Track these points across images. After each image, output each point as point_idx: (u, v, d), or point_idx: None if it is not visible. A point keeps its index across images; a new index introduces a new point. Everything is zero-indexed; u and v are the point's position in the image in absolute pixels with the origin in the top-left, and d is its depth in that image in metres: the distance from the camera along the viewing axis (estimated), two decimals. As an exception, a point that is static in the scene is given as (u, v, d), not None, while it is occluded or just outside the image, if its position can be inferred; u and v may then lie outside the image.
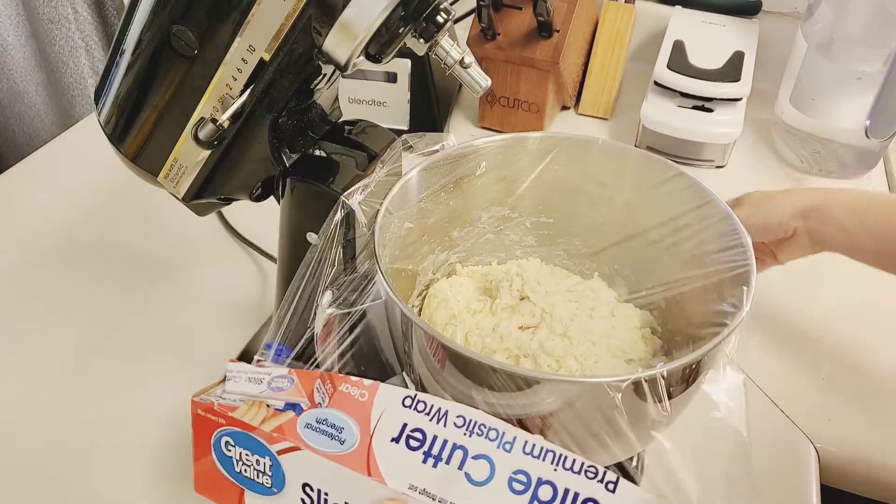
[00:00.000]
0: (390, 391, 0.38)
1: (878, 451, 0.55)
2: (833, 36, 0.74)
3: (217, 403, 0.40)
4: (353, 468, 0.36)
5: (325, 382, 0.39)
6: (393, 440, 0.37)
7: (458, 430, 0.36)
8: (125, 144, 0.46)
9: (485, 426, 0.36)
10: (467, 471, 0.35)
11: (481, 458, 0.36)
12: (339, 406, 0.38)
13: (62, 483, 0.52)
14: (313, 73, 0.43)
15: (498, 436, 0.36)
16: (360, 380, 0.39)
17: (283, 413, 0.39)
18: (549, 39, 0.80)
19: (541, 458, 0.35)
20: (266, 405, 0.39)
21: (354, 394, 0.38)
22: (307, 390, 0.39)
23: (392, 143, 0.48)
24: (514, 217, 0.54)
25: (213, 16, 0.40)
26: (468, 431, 0.36)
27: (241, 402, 0.40)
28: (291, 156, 0.46)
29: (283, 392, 0.40)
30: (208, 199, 0.48)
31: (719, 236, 0.45)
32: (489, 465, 0.35)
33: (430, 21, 0.40)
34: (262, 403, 0.40)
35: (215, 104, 0.42)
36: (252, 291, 0.67)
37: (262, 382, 0.40)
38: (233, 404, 0.40)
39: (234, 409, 0.40)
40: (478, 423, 0.37)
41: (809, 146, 0.82)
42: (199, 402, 0.40)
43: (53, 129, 0.98)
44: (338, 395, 0.39)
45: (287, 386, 0.40)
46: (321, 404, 0.39)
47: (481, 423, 0.37)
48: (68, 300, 0.66)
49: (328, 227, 0.43)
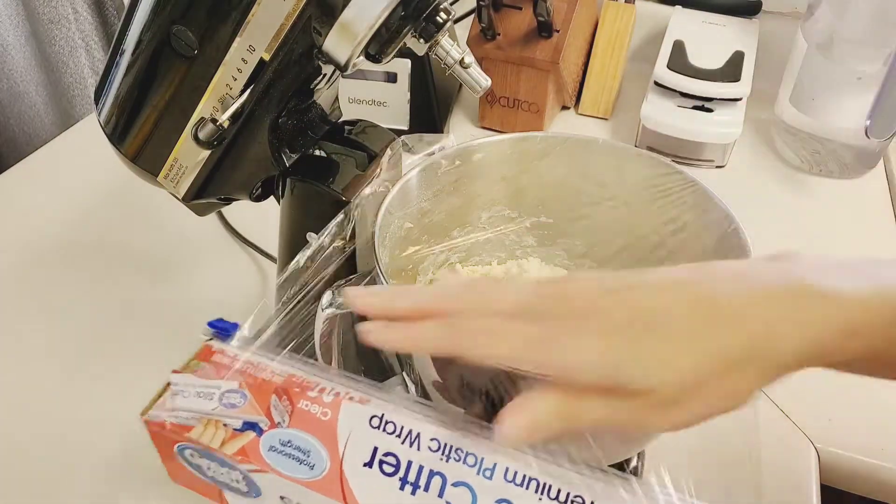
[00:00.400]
0: (354, 410, 0.35)
1: (878, 451, 0.55)
2: (833, 36, 0.74)
3: (169, 423, 0.37)
4: (328, 495, 0.34)
5: (282, 397, 0.36)
6: (365, 465, 0.34)
7: (434, 455, 0.34)
8: (125, 144, 0.46)
9: (461, 450, 0.34)
10: (448, 499, 0.33)
11: (461, 486, 0.33)
12: (301, 426, 0.36)
13: (62, 482, 0.52)
14: (313, 73, 0.43)
15: (476, 461, 0.34)
16: (319, 395, 0.36)
17: (242, 434, 0.36)
18: (549, 39, 0.80)
19: (524, 487, 0.33)
20: (223, 424, 0.37)
21: (316, 412, 0.36)
22: (263, 407, 0.36)
23: (392, 143, 0.48)
24: (514, 217, 0.54)
25: (213, 16, 0.40)
26: (444, 456, 0.34)
27: (195, 421, 0.37)
28: (291, 156, 0.45)
29: (238, 409, 0.37)
30: (208, 199, 0.48)
31: (719, 236, 0.45)
32: (470, 494, 0.33)
33: (430, 21, 0.40)
34: (218, 422, 0.37)
35: (215, 104, 0.42)
36: (252, 291, 0.67)
37: (213, 398, 0.37)
38: (187, 423, 0.37)
39: (189, 429, 0.37)
40: (454, 447, 0.34)
41: (809, 146, 0.82)
42: (151, 421, 0.38)
43: (53, 129, 0.98)
44: (298, 413, 0.36)
45: (240, 402, 0.37)
46: (281, 423, 0.36)
47: (457, 447, 0.34)
48: (68, 300, 0.66)
49: (328, 227, 0.43)
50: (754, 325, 0.29)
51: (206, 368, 0.39)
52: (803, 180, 0.82)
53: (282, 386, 0.37)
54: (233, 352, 0.39)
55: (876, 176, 0.83)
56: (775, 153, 0.86)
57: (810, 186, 0.81)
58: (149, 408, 0.38)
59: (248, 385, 0.37)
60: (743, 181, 0.82)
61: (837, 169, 0.82)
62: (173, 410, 0.38)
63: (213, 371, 0.38)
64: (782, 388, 0.37)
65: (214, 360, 0.39)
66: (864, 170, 0.82)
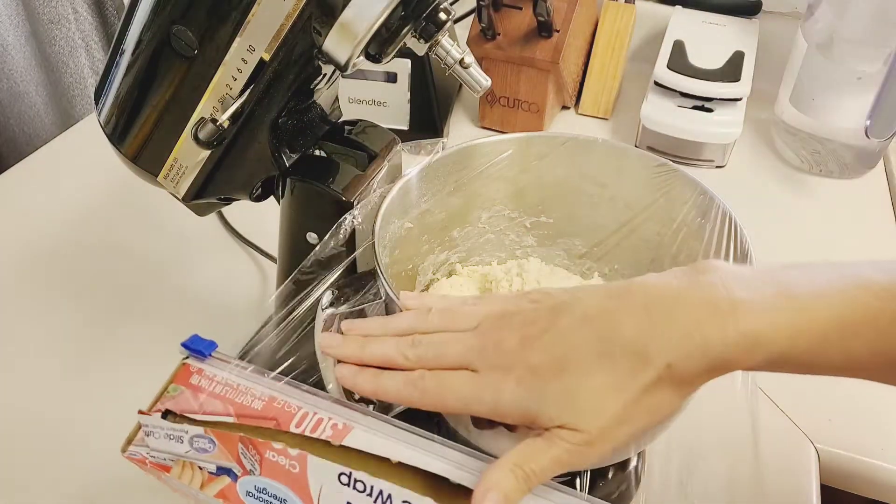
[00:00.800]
0: (320, 465, 0.34)
1: (878, 451, 0.55)
2: (833, 36, 0.74)
3: (149, 462, 0.37)
4: None
5: (249, 447, 0.36)
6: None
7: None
8: (125, 144, 0.46)
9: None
10: None
11: None
12: (272, 476, 0.35)
13: (61, 482, 0.52)
14: (313, 73, 0.43)
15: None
16: (284, 447, 0.35)
17: (218, 477, 0.36)
18: (549, 39, 0.80)
19: None
20: (199, 467, 0.37)
21: (283, 463, 0.35)
22: (232, 454, 0.36)
23: (392, 143, 0.48)
24: (514, 217, 0.54)
25: (212, 16, 0.40)
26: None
27: (171, 462, 0.37)
28: (291, 156, 0.45)
29: (209, 454, 0.36)
30: (208, 199, 0.48)
31: (719, 236, 0.45)
32: None
33: (430, 21, 0.40)
34: (194, 465, 0.37)
35: (215, 104, 0.42)
36: (252, 291, 0.67)
37: (184, 441, 0.37)
38: (165, 463, 0.37)
39: (167, 469, 0.37)
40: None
41: (809, 146, 0.82)
42: (131, 458, 0.38)
43: (53, 129, 0.98)
44: (267, 464, 0.35)
45: (210, 448, 0.36)
46: (253, 472, 0.35)
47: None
48: (68, 300, 0.66)
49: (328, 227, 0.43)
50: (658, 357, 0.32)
51: (184, 393, 0.38)
52: (803, 180, 0.82)
53: (246, 436, 0.36)
54: (212, 372, 0.38)
55: (876, 176, 0.83)
56: (775, 153, 0.86)
57: (810, 186, 0.81)
58: (126, 444, 0.38)
59: (213, 432, 0.36)
60: (743, 181, 0.82)
61: (837, 169, 0.82)
62: (149, 450, 0.37)
63: (191, 396, 0.37)
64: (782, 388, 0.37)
65: (192, 383, 0.38)
66: (865, 170, 0.82)
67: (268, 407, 0.36)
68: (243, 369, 0.38)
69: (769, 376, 0.35)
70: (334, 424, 0.35)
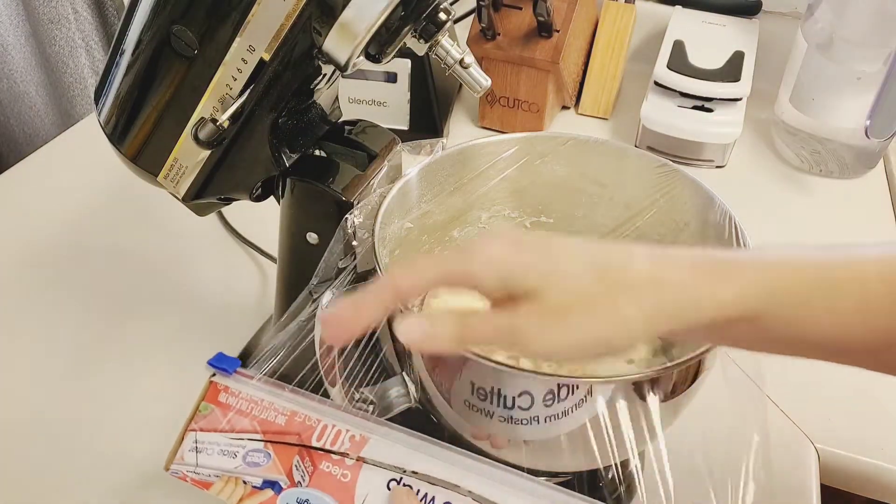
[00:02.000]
0: (374, 472, 0.36)
1: (878, 451, 0.55)
2: (833, 36, 0.74)
3: (191, 479, 0.38)
4: None
5: (305, 459, 0.37)
6: None
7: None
8: (125, 144, 0.46)
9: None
10: None
11: None
12: (319, 486, 0.36)
13: (62, 482, 0.52)
14: (313, 73, 0.43)
15: None
16: (342, 458, 0.37)
17: (261, 491, 0.37)
18: (549, 39, 0.80)
19: None
20: (243, 481, 0.38)
21: (336, 473, 0.36)
22: (285, 467, 0.37)
23: (392, 143, 0.48)
24: (515, 217, 0.54)
25: (213, 16, 0.40)
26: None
27: (215, 478, 0.38)
28: (291, 156, 0.45)
29: (260, 468, 0.38)
30: (208, 199, 0.48)
31: (720, 236, 0.45)
32: None
33: (430, 21, 0.40)
34: (238, 480, 0.38)
35: (215, 104, 0.42)
36: (252, 291, 0.67)
37: (237, 456, 0.38)
38: (207, 479, 0.38)
39: (208, 486, 0.38)
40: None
41: (809, 146, 0.82)
42: (174, 475, 0.39)
43: (53, 129, 0.98)
44: (318, 475, 0.37)
45: (264, 461, 0.38)
46: (301, 483, 0.37)
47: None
48: (68, 300, 0.66)
49: (328, 227, 0.43)
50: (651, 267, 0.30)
51: (214, 412, 0.40)
52: (803, 180, 0.82)
53: (306, 449, 0.38)
54: (237, 388, 0.40)
55: (876, 176, 0.83)
56: (775, 153, 0.86)
57: (810, 186, 0.81)
58: (170, 461, 0.39)
59: (272, 446, 0.38)
60: (743, 181, 0.82)
61: (837, 169, 0.82)
62: (195, 467, 0.39)
63: (221, 414, 0.39)
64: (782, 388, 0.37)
65: (220, 401, 0.40)
66: (864, 170, 0.82)
67: (290, 422, 0.38)
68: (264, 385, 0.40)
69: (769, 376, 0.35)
70: (352, 436, 0.37)
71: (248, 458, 0.38)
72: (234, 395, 0.40)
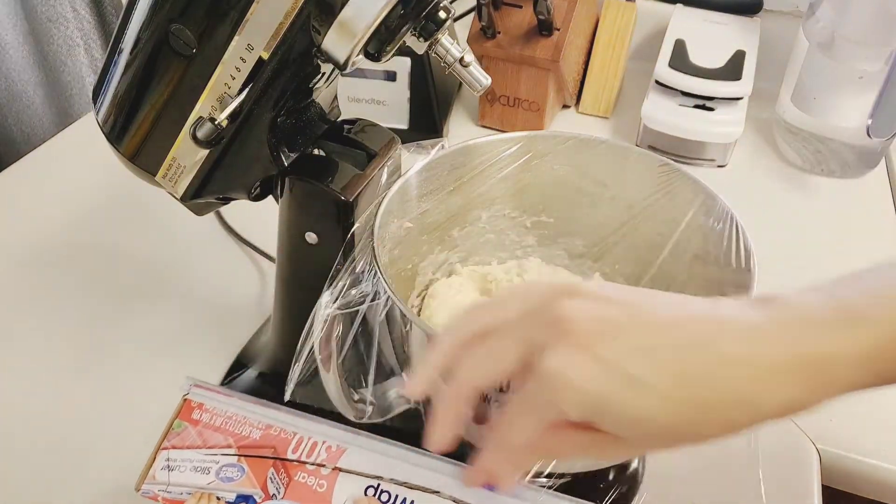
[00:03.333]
0: (351, 480, 0.36)
1: (879, 451, 0.54)
2: (834, 35, 0.74)
3: (162, 498, 0.38)
4: None
5: (280, 471, 0.37)
6: None
7: None
8: (123, 143, 0.46)
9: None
10: None
11: None
12: (295, 497, 0.36)
13: (62, 483, 0.52)
14: (312, 71, 0.43)
15: None
16: (318, 468, 0.37)
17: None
18: (549, 38, 0.79)
19: None
20: (216, 497, 0.38)
21: (312, 483, 0.36)
22: (260, 481, 0.37)
23: (391, 142, 0.47)
24: (515, 216, 0.54)
25: (211, 14, 0.40)
26: None
27: (188, 495, 0.38)
28: (290, 155, 0.45)
29: (234, 483, 0.38)
30: (207, 199, 0.48)
31: (721, 236, 0.44)
32: None
33: (429, 19, 0.40)
34: (211, 496, 0.38)
35: (213, 103, 0.42)
36: (251, 291, 0.67)
37: (210, 472, 0.38)
38: (179, 498, 0.38)
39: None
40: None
41: (811, 145, 0.82)
42: (146, 495, 0.39)
43: (51, 127, 0.98)
44: (294, 486, 0.37)
45: (237, 476, 0.38)
46: (276, 495, 0.37)
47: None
48: (68, 300, 0.66)
49: (327, 227, 0.43)
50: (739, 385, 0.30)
51: (188, 429, 0.40)
52: (805, 179, 0.82)
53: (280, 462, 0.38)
54: (212, 405, 0.41)
55: (877, 175, 0.82)
56: (777, 152, 0.85)
57: (812, 186, 0.81)
58: (141, 481, 0.39)
59: (246, 460, 0.38)
60: (744, 180, 0.82)
61: (839, 168, 0.82)
62: (167, 485, 0.39)
63: (195, 431, 0.40)
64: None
65: (194, 418, 0.40)
66: (866, 169, 0.82)
67: (265, 435, 0.39)
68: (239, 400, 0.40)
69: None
70: (328, 447, 0.37)
71: (221, 473, 0.38)
72: (207, 412, 0.40)
